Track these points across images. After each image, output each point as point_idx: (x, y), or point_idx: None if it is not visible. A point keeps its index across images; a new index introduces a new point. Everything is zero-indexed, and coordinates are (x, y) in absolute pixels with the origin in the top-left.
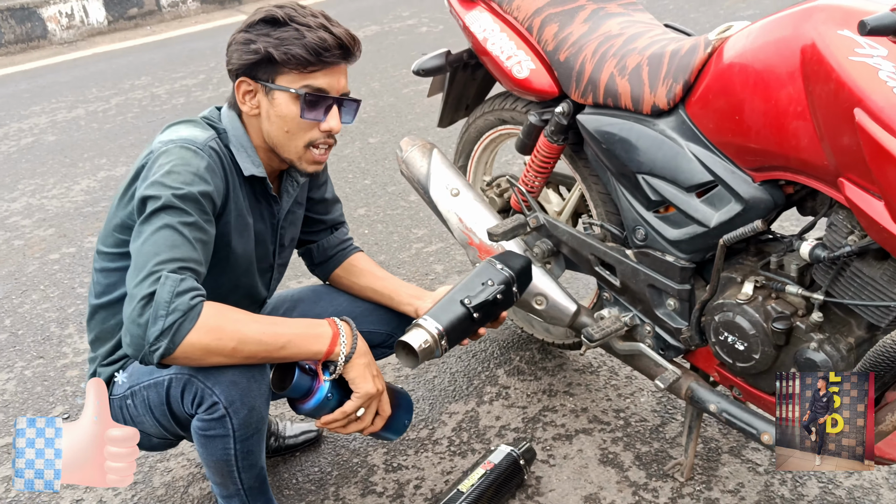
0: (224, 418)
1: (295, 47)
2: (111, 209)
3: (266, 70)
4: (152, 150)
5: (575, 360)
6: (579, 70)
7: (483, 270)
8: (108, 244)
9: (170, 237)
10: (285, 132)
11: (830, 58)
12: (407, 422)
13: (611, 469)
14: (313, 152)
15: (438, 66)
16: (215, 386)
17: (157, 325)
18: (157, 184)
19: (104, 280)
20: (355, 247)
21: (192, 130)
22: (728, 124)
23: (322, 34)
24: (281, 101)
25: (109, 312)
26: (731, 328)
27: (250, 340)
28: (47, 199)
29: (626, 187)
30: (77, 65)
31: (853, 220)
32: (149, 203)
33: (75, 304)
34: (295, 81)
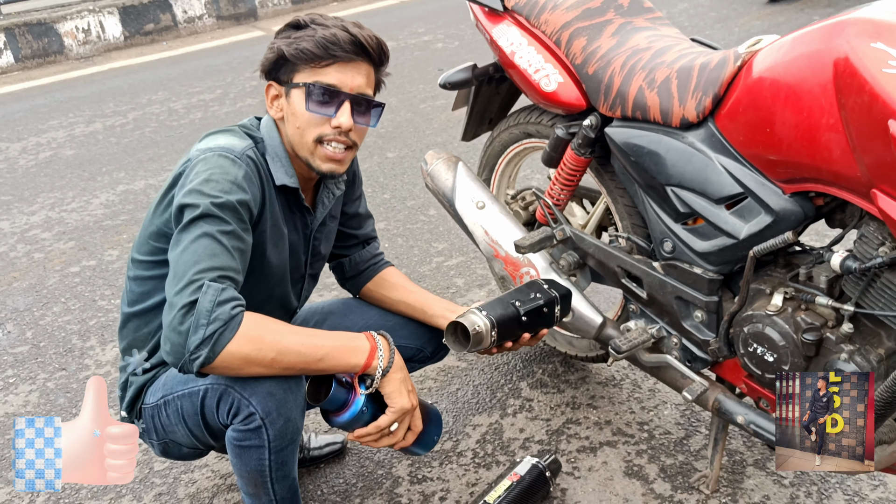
0: (260, 429)
1: (305, 43)
2: (147, 217)
3: (285, 70)
4: (190, 158)
5: (598, 373)
6: (608, 83)
7: (531, 285)
8: (143, 252)
9: (209, 246)
10: (297, 128)
11: (864, 70)
12: (436, 437)
13: (636, 481)
14: (326, 149)
15: (465, 79)
16: (252, 397)
17: (198, 334)
18: (195, 192)
19: (138, 288)
20: (387, 261)
21: (230, 139)
22: (759, 136)
23: (335, 31)
24: (294, 98)
25: (142, 321)
26: (761, 339)
27: (289, 351)
28: (66, 213)
29: (654, 200)
30: (94, 80)
31: (884, 232)
32: (187, 211)
33: (96, 316)
34: (307, 77)
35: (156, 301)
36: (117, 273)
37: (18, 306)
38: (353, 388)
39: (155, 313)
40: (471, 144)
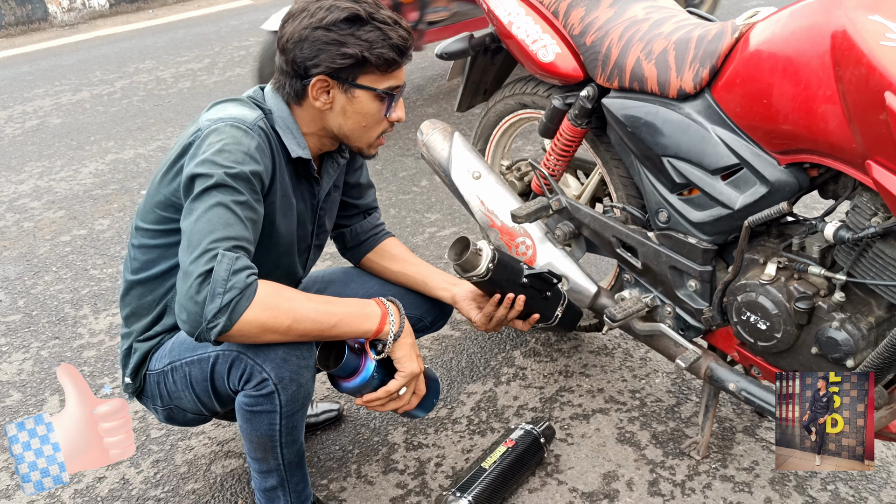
0: (273, 394)
1: (386, 50)
2: (152, 186)
3: (350, 70)
4: (200, 128)
5: (590, 342)
6: (605, 54)
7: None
8: (148, 220)
9: (223, 215)
10: (362, 126)
11: (861, 43)
12: (435, 400)
13: (628, 447)
14: (381, 138)
15: (462, 49)
16: (265, 363)
17: (215, 303)
18: (208, 162)
19: (143, 256)
20: (387, 231)
21: (241, 109)
22: (755, 108)
23: (402, 32)
24: (363, 100)
25: (147, 288)
26: (754, 308)
27: (305, 318)
28: (55, 182)
29: (650, 170)
30: (80, 48)
31: (877, 202)
32: (199, 180)
33: (88, 285)
34: (378, 81)
35: (161, 269)
36: (109, 242)
37: (9, 275)
38: (364, 354)
39: (160, 281)
40: (464, 115)
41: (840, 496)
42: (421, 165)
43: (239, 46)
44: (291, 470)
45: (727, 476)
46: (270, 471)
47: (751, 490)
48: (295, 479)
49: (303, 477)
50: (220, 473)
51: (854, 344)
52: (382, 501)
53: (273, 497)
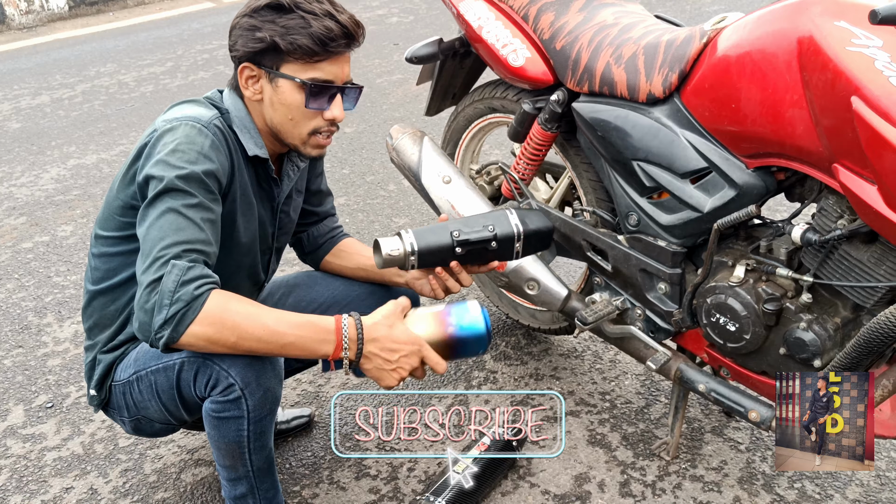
0: (239, 399)
1: (301, 37)
2: (110, 192)
3: (271, 58)
4: (156, 129)
5: (560, 345)
6: (575, 59)
7: (494, 215)
8: (108, 228)
9: (174, 221)
10: (289, 119)
11: (828, 48)
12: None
13: (599, 449)
14: (317, 138)
15: (431, 53)
16: (231, 368)
17: (161, 314)
18: (161, 163)
19: (104, 265)
20: (344, 233)
21: (197, 109)
22: (723, 112)
23: (328, 23)
24: (285, 90)
25: (109, 298)
26: (723, 310)
27: (250, 337)
28: (16, 188)
29: (620, 174)
30: (38, 51)
31: (843, 205)
32: (152, 184)
33: (52, 293)
34: (300, 71)
35: (123, 277)
36: (72, 249)
37: None
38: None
39: (122, 290)
40: (433, 119)
41: (807, 494)
42: (388, 170)
43: (202, 50)
44: (261, 477)
45: (697, 476)
46: (240, 478)
47: (720, 489)
48: (265, 486)
49: (273, 483)
50: (190, 482)
51: (821, 344)
52: None
53: None
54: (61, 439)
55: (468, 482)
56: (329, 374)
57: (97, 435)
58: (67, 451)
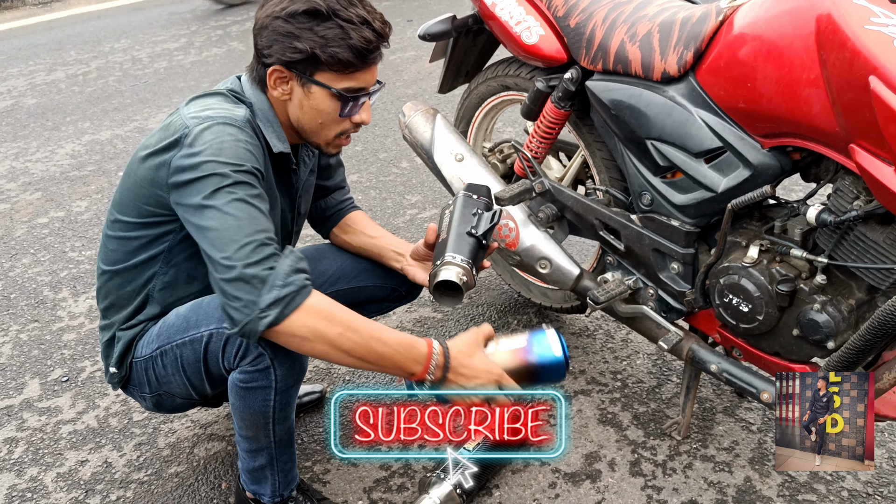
0: (268, 369)
1: (341, 50)
2: (128, 177)
3: (305, 64)
4: (188, 126)
5: (572, 324)
6: (589, 36)
7: (466, 205)
8: (127, 213)
9: (246, 210)
10: (318, 123)
11: (846, 27)
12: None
13: (610, 428)
14: (342, 139)
15: (444, 30)
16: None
17: (272, 293)
18: (212, 160)
19: (121, 247)
20: (353, 206)
21: (226, 106)
22: (739, 91)
23: (366, 33)
24: (318, 97)
25: (125, 278)
26: (737, 290)
27: (350, 339)
28: (31, 163)
29: (633, 153)
30: (53, 26)
31: (859, 186)
32: (210, 180)
33: (67, 267)
34: (334, 80)
35: (140, 259)
36: (87, 224)
37: None
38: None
39: (139, 270)
40: (446, 96)
41: (818, 475)
42: (401, 147)
43: (216, 26)
44: (281, 448)
45: (708, 456)
46: (260, 449)
47: (731, 469)
48: (283, 458)
49: (291, 456)
50: (204, 456)
51: (835, 326)
52: (366, 482)
53: (260, 477)
54: (76, 413)
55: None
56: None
57: (112, 409)
58: (82, 425)
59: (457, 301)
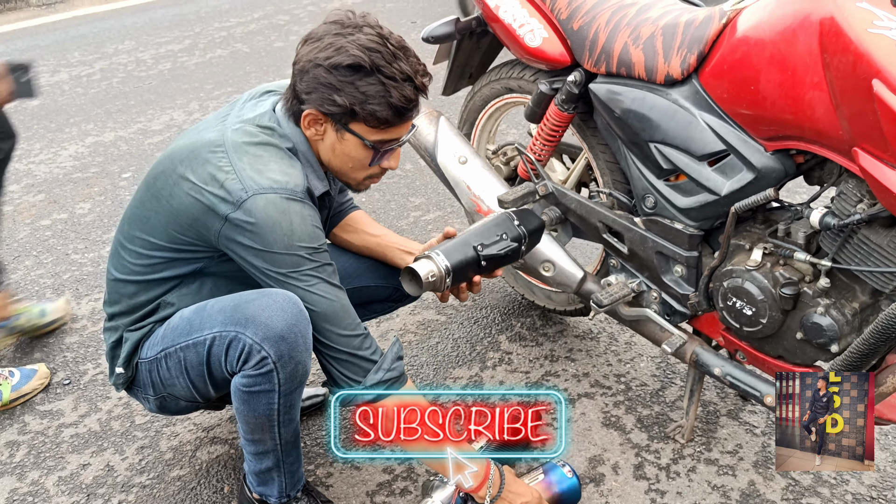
0: (272, 373)
1: (380, 108)
2: (155, 203)
3: (342, 114)
4: (245, 190)
5: (575, 327)
6: (592, 39)
7: (501, 222)
8: (157, 237)
9: (338, 295)
10: (349, 167)
11: (849, 30)
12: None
13: (613, 431)
14: (371, 180)
15: (448, 33)
16: (265, 341)
17: (378, 375)
18: (291, 245)
19: (144, 262)
20: (353, 206)
21: (282, 168)
22: (743, 94)
23: (407, 91)
24: (351, 144)
25: (141, 288)
26: (740, 294)
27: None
28: (35, 165)
29: (636, 156)
30: (57, 28)
31: (862, 189)
32: (289, 259)
33: (70, 270)
34: (369, 133)
35: (163, 276)
36: (90, 226)
37: None
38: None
39: (158, 283)
40: (449, 98)
41: (822, 478)
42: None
43: (220, 27)
44: (288, 450)
45: (711, 459)
46: (267, 452)
47: (735, 473)
48: (290, 460)
49: (297, 457)
50: (206, 459)
51: (838, 329)
52: (369, 486)
53: (267, 479)
54: (78, 416)
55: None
56: None
57: (114, 412)
58: (84, 428)
59: (416, 291)
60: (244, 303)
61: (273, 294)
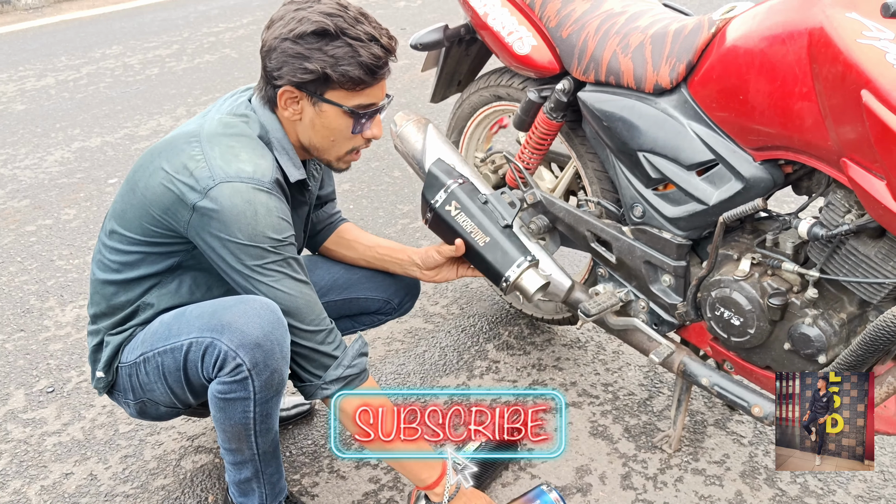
0: (246, 380)
1: (352, 68)
2: (132, 196)
3: (316, 84)
4: (213, 178)
5: (563, 335)
6: (581, 47)
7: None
8: (133, 231)
9: (301, 290)
10: (331, 141)
11: (838, 40)
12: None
13: (601, 441)
14: (353, 155)
15: (436, 40)
16: (240, 348)
17: (338, 371)
18: (255, 235)
19: (123, 259)
20: (342, 218)
21: (252, 158)
22: (731, 104)
23: (375, 50)
24: (330, 115)
25: (120, 288)
26: (728, 304)
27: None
28: (20, 170)
29: (625, 165)
30: (44, 32)
31: (851, 200)
32: (252, 251)
33: (55, 276)
34: (346, 98)
35: (140, 274)
36: (75, 232)
37: None
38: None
39: (137, 283)
40: (438, 106)
41: (809, 489)
42: (394, 156)
43: (208, 33)
44: (266, 460)
45: (699, 469)
46: (245, 462)
47: (722, 483)
48: (270, 470)
49: (277, 468)
50: (190, 469)
51: (826, 340)
52: (355, 496)
53: (247, 489)
54: (62, 424)
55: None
56: None
57: (98, 420)
58: (68, 437)
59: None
60: (222, 309)
61: (251, 301)
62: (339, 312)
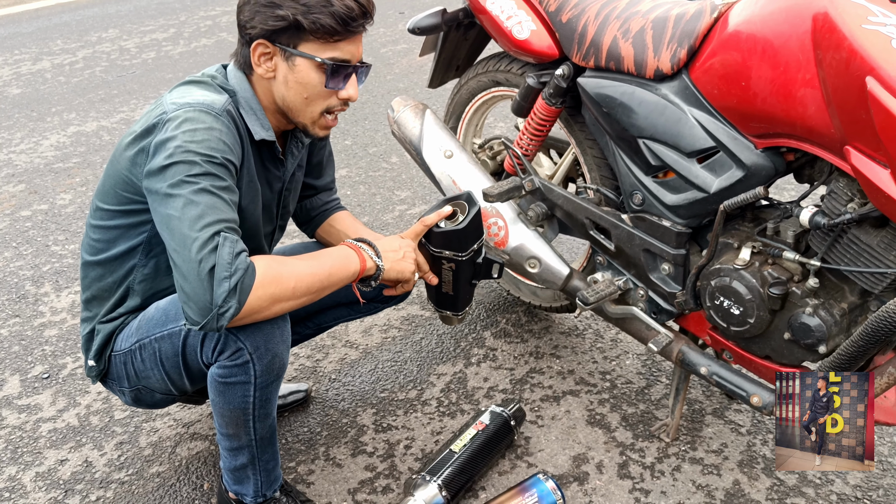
0: (247, 364)
1: (324, 16)
2: (110, 165)
3: (289, 36)
4: (165, 111)
5: (561, 323)
6: (581, 32)
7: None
8: (107, 201)
9: (210, 200)
10: (304, 98)
11: (843, 26)
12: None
13: (598, 430)
14: (327, 118)
15: (434, 24)
16: (240, 332)
17: (223, 287)
18: (184, 150)
19: (103, 236)
20: (339, 206)
21: (206, 93)
22: (733, 90)
23: (348, 2)
24: (303, 69)
25: (106, 269)
26: (728, 293)
27: (304, 275)
28: (15, 154)
29: (625, 152)
30: (39, 15)
31: (853, 188)
32: (177, 167)
33: (50, 261)
34: (319, 50)
35: (120, 250)
36: (70, 217)
37: None
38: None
39: (119, 262)
40: (436, 91)
41: (807, 478)
42: (391, 142)
43: (205, 16)
44: (263, 446)
45: (696, 458)
46: (241, 447)
47: (719, 472)
48: (266, 457)
49: (273, 454)
50: (186, 456)
51: (827, 330)
52: (351, 484)
53: (242, 476)
54: (57, 410)
55: (465, 461)
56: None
57: (93, 407)
58: (63, 423)
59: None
60: None
61: None
62: (334, 300)
